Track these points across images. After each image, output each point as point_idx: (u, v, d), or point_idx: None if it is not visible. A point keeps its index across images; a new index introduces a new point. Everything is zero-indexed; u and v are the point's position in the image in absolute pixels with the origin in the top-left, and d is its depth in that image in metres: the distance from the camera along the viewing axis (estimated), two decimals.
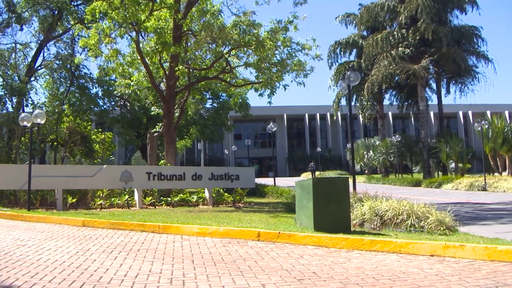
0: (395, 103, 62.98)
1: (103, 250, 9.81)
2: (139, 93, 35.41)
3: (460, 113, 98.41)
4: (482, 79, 56.75)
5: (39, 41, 36.62)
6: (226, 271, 7.73)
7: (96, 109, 40.01)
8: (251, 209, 19.90)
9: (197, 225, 12.54)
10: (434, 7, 52.64)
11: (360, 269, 7.89)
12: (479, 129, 41.22)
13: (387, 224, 11.94)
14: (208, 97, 41.89)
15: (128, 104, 43.39)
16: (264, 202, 23.88)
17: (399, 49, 54.18)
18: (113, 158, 44.81)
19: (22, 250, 9.71)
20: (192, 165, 70.88)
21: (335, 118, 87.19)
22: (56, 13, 35.03)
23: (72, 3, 35.40)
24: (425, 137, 54.53)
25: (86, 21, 25.02)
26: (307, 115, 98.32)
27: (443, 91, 58.73)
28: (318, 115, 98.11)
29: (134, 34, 23.00)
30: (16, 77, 33.92)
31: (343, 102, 61.43)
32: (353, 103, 61.21)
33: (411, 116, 67.60)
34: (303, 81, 24.05)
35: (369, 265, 8.27)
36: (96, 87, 39.21)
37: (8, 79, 32.29)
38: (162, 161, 25.88)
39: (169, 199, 21.50)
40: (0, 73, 32.35)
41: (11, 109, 31.94)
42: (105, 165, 22.99)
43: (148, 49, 23.63)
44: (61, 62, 36.56)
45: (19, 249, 9.84)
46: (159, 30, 22.03)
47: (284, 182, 48.49)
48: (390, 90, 61.24)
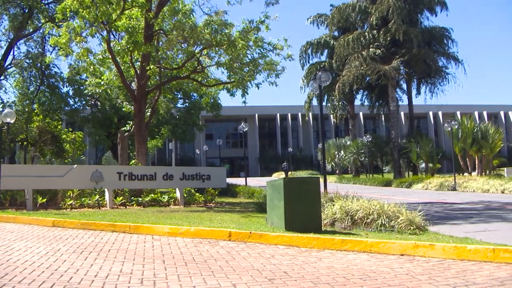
0: (366, 103, 63.26)
1: (73, 250, 9.74)
2: (110, 92, 35.20)
3: (430, 113, 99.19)
4: (452, 80, 57.37)
5: (9, 40, 36.34)
6: (197, 271, 7.72)
7: (66, 108, 39.72)
8: (223, 209, 19.88)
9: (168, 225, 12.50)
10: (405, 8, 53.01)
11: (331, 269, 7.92)
12: (449, 129, 41.67)
13: (357, 224, 11.99)
14: (180, 96, 41.73)
15: (99, 103, 43.16)
16: (235, 202, 23.87)
17: (370, 49, 54.48)
18: (83, 158, 44.51)
19: None
20: (164, 165, 70.68)
21: (306, 118, 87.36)
22: (26, 11, 34.75)
23: (43, 1, 35.12)
24: (396, 137, 54.88)
25: (57, 20, 24.79)
26: (278, 115, 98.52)
27: (414, 92, 59.22)
28: (289, 115, 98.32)
29: (105, 33, 22.88)
30: None
31: (315, 102, 61.65)
32: (324, 103, 61.48)
33: (382, 116, 68.03)
34: (275, 81, 24.11)
35: (340, 264, 8.30)
36: (66, 86, 39.01)
37: None
38: (133, 161, 25.78)
39: (140, 199, 21.40)
40: None
41: None
42: (76, 165, 22.84)
43: (119, 48, 23.49)
44: (31, 61, 36.32)
45: None
46: (130, 29, 21.90)
47: (256, 182, 48.53)
48: (361, 91, 61.51)
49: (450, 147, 46.98)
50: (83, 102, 41.75)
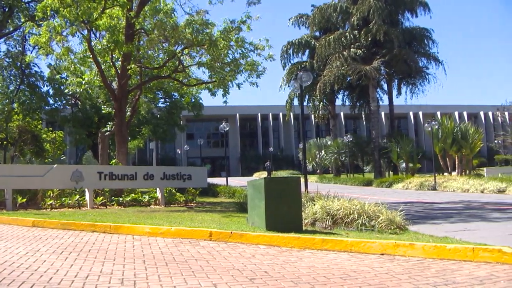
0: (347, 103, 63.58)
1: (53, 250, 9.68)
2: (90, 91, 35.08)
3: (411, 113, 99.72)
4: (433, 80, 57.90)
5: None
6: (177, 271, 7.70)
7: (46, 107, 39.52)
8: (203, 209, 19.86)
9: (149, 225, 12.46)
10: (386, 8, 53.28)
11: (311, 268, 7.93)
12: (429, 129, 41.92)
13: (338, 223, 12.02)
14: (160, 96, 41.62)
15: (80, 103, 42.92)
16: (216, 202, 23.84)
17: (351, 50, 54.69)
18: (64, 157, 44.21)
19: None
20: (144, 164, 70.35)
21: (287, 118, 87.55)
22: (6, 10, 34.49)
23: (23, 0, 34.89)
24: (376, 137, 55.14)
25: (37, 19, 24.64)
26: (259, 115, 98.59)
27: (394, 92, 59.65)
28: (270, 115, 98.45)
29: (86, 32, 22.76)
30: None
31: (296, 102, 61.73)
32: (305, 103, 61.59)
33: (363, 116, 68.19)
34: (256, 81, 24.12)
35: (321, 264, 8.32)
36: (47, 86, 38.79)
37: None
38: (113, 161, 25.67)
39: (120, 199, 21.30)
40: None
41: None
42: (56, 165, 22.69)
43: (100, 47, 23.39)
44: (11, 60, 36.10)
45: None
46: (111, 28, 21.82)
47: (237, 181, 48.52)
48: (342, 91, 61.79)
49: (430, 147, 47.25)
50: (64, 102, 41.55)
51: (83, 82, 27.20)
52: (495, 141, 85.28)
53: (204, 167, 43.78)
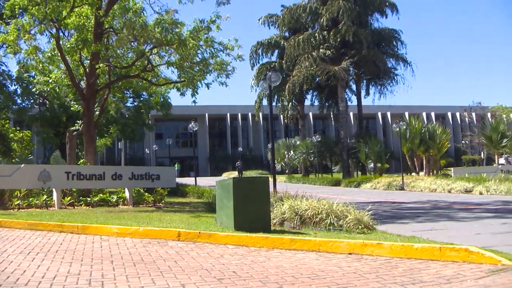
0: (316, 103, 63.80)
1: (20, 251, 9.60)
2: (58, 90, 34.80)
3: (379, 114, 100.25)
4: (401, 81, 58.35)
5: None
6: (146, 271, 7.68)
7: (14, 107, 39.17)
8: (172, 209, 19.79)
9: (117, 225, 12.41)
10: (355, 9, 53.54)
11: (279, 268, 7.96)
12: (397, 130, 42.17)
13: (306, 223, 12.06)
14: (129, 95, 41.46)
15: (47, 102, 42.57)
16: (185, 202, 23.79)
17: (320, 50, 54.83)
18: (31, 157, 43.73)
19: None
20: (113, 164, 69.95)
21: (256, 118, 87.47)
22: None
23: None
24: (345, 138, 55.38)
25: (5, 16, 24.42)
26: (228, 114, 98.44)
27: (363, 93, 60.00)
28: (239, 115, 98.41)
29: (54, 30, 22.59)
30: None
31: (265, 102, 61.80)
32: (274, 103, 61.61)
33: (332, 116, 68.43)
34: (225, 81, 24.08)
35: (289, 263, 8.35)
36: (14, 85, 38.46)
37: None
38: (81, 161, 25.50)
39: (88, 199, 21.12)
40: None
41: None
42: (23, 165, 22.45)
43: (69, 46, 23.23)
44: None
45: None
46: (80, 27, 21.69)
47: (206, 181, 48.42)
48: (311, 91, 61.97)
49: (398, 147, 47.61)
50: (31, 101, 41.22)
51: (51, 81, 27.01)
52: (463, 141, 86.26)
53: (172, 167, 43.68)
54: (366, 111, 67.15)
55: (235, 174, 71.09)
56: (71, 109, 37.22)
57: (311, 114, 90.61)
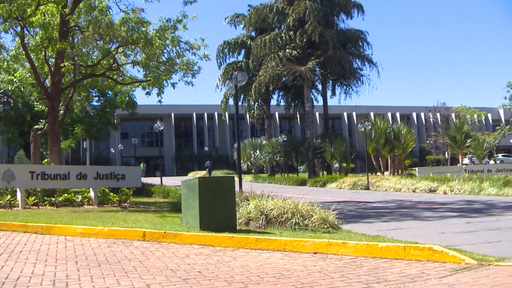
0: (282, 103, 63.97)
1: None
2: (23, 89, 34.45)
3: (345, 114, 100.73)
4: (367, 81, 59.01)
5: None
6: (110, 272, 7.64)
7: None
8: (137, 209, 19.71)
9: (82, 225, 12.33)
10: (321, 10, 53.73)
11: (245, 268, 7.97)
12: (363, 130, 42.39)
13: (272, 223, 12.08)
14: (94, 94, 41.14)
15: (12, 100, 42.11)
16: (150, 202, 23.70)
17: (287, 50, 54.93)
18: None
19: None
20: (78, 164, 69.33)
21: (223, 117, 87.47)
22: None
23: None
24: (311, 137, 55.56)
25: None
26: (195, 114, 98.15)
27: (329, 93, 60.28)
28: (206, 114, 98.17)
29: (19, 28, 22.38)
30: None
31: (231, 102, 61.71)
32: (240, 103, 61.70)
33: (298, 116, 68.63)
34: (191, 80, 24.05)
35: (254, 263, 8.36)
36: None
37: None
38: (46, 160, 25.26)
39: (53, 199, 20.92)
40: None
41: None
42: None
43: (34, 44, 23.01)
44: None
45: None
46: (45, 25, 21.48)
47: (171, 181, 48.31)
48: (277, 91, 62.10)
49: (363, 147, 47.82)
50: None
51: (15, 80, 26.75)
52: (427, 141, 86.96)
53: (138, 166, 43.47)
54: (332, 111, 67.53)
55: (201, 173, 71.01)
56: (36, 108, 36.88)
57: (277, 114, 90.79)
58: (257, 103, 63.01)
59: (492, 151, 69.35)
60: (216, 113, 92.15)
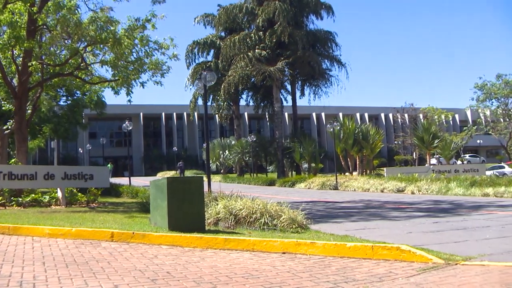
0: (251, 103, 64.10)
1: None
2: None
3: (314, 114, 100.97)
4: (335, 82, 58.99)
5: None
6: (78, 273, 7.60)
7: None
8: (105, 209, 19.60)
9: (49, 226, 12.23)
10: (291, 10, 53.90)
11: (214, 268, 7.97)
12: (331, 130, 42.58)
13: (241, 223, 12.10)
14: (62, 94, 40.80)
15: None
16: (119, 202, 23.59)
17: (256, 51, 54.97)
18: None
19: None
20: (45, 164, 68.73)
21: (191, 117, 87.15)
22: None
23: None
24: (280, 138, 55.71)
25: None
26: (164, 114, 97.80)
27: (298, 93, 60.49)
28: (175, 114, 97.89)
29: None
30: None
31: (200, 102, 61.68)
32: (209, 103, 61.67)
33: (267, 116, 68.74)
34: (160, 80, 23.95)
35: (223, 263, 8.37)
36: None
37: None
38: (13, 160, 25.04)
39: (20, 199, 20.71)
40: None
41: None
42: None
43: (1, 43, 22.77)
44: None
45: None
46: (12, 23, 21.27)
47: (140, 181, 48.11)
48: (247, 91, 62.22)
49: (332, 147, 48.11)
50: None
51: None
52: (395, 142, 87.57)
53: (106, 166, 43.17)
54: (301, 111, 67.71)
55: (170, 174, 70.73)
56: (3, 108, 36.49)
57: (246, 114, 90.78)
58: (226, 103, 63.00)
59: (459, 151, 70.12)
60: (185, 113, 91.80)
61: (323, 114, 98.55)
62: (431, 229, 12.37)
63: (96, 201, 22.60)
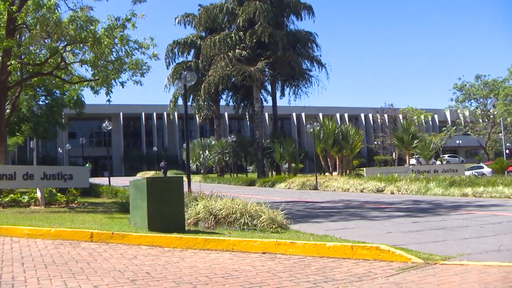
0: (232, 104, 64.10)
1: None
2: None
3: (294, 114, 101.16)
4: (316, 82, 59.15)
5: None
6: (57, 273, 7.57)
7: None
8: (85, 209, 19.51)
9: (28, 226, 12.17)
10: (271, 11, 54.00)
11: (193, 268, 7.98)
12: (311, 130, 42.67)
13: (221, 223, 12.11)
14: (41, 93, 40.59)
15: None
16: (98, 202, 23.47)
17: (236, 51, 55.00)
18: None
19: None
20: (24, 164, 68.32)
21: (171, 117, 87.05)
22: None
23: None
24: (260, 138, 55.76)
25: None
26: (143, 114, 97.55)
27: (278, 93, 60.60)
28: (155, 114, 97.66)
29: None
30: None
31: (180, 101, 61.51)
32: (190, 103, 61.60)
33: (247, 117, 68.79)
34: (140, 80, 23.87)
35: (203, 263, 8.37)
36: None
37: None
38: None
39: None
40: None
41: None
42: None
43: None
44: None
45: None
46: None
47: (120, 181, 47.91)
48: (227, 91, 62.26)
49: (312, 147, 48.18)
50: None
51: None
52: (375, 142, 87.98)
53: (85, 166, 43.00)
54: (281, 111, 67.83)
55: (150, 174, 70.63)
56: None
57: (226, 114, 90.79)
58: (206, 103, 62.97)
59: (439, 151, 70.60)
60: (165, 113, 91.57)
61: (303, 115, 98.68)
62: (411, 229, 12.44)
63: (76, 201, 22.47)
